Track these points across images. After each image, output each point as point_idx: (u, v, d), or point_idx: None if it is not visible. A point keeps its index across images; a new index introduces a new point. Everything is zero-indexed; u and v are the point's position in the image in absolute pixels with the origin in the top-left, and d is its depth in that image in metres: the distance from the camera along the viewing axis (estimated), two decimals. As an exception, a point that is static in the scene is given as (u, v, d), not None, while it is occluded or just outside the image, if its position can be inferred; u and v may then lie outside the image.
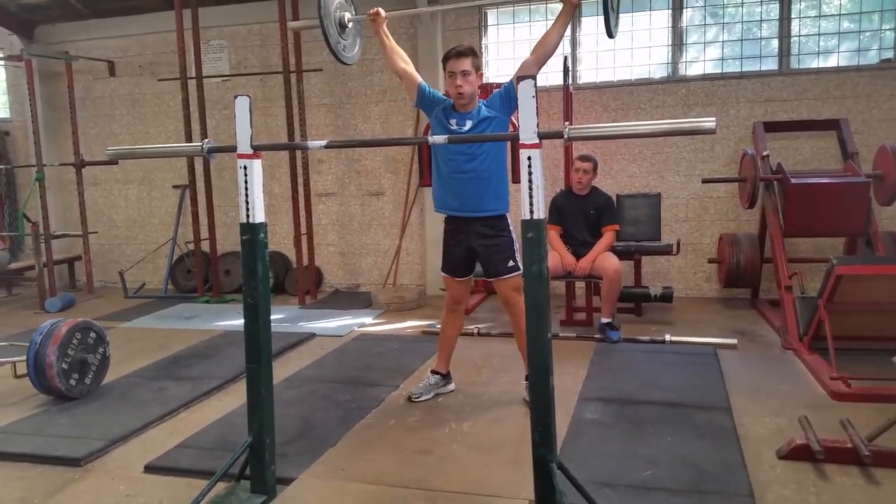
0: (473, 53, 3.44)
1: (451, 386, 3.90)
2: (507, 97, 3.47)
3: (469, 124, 3.47)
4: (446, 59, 3.44)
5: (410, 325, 5.57)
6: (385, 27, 3.59)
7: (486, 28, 6.73)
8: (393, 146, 7.03)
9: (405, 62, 3.67)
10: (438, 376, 3.86)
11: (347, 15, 3.57)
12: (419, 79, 3.64)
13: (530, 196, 2.19)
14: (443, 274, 3.80)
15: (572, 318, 5.42)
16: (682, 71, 6.32)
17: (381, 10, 3.58)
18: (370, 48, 6.89)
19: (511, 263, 3.57)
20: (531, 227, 2.20)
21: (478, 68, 3.46)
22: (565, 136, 2.20)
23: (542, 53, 3.36)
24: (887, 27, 5.91)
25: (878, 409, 3.26)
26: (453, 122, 3.50)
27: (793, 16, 6.05)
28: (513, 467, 2.90)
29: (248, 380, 2.67)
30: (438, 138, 2.69)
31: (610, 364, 4.32)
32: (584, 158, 5.11)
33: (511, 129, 3.50)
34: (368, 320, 5.78)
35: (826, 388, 3.69)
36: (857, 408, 3.39)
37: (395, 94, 6.90)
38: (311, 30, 6.61)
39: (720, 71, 6.25)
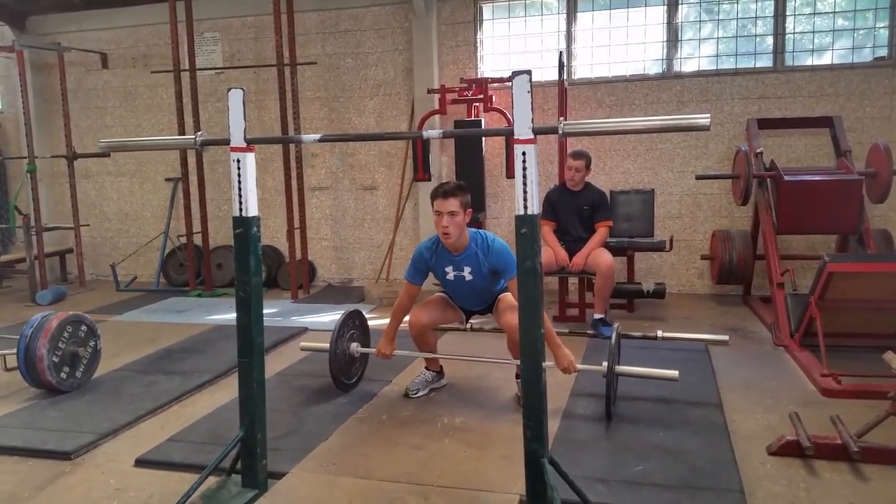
0: (462, 192, 3.39)
1: (444, 381, 3.92)
2: (499, 267, 3.50)
3: (468, 272, 3.55)
4: (434, 197, 3.43)
5: (404, 320, 5.54)
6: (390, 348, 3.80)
7: (482, 22, 6.71)
8: (387, 140, 7.01)
9: (403, 310, 3.77)
10: (433, 372, 3.87)
11: (355, 347, 3.88)
12: (413, 288, 3.70)
13: (524, 191, 2.18)
14: (440, 296, 3.85)
15: (565, 313, 5.42)
16: (676, 67, 6.32)
17: (386, 351, 3.77)
18: (366, 41, 6.89)
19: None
20: (525, 222, 2.20)
21: (466, 206, 3.41)
22: (560, 132, 2.19)
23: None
24: (881, 25, 5.92)
25: (868, 405, 3.28)
26: (450, 271, 3.58)
27: (787, 13, 6.05)
28: (505, 462, 2.90)
29: (239, 374, 2.67)
30: (433, 132, 2.68)
31: (602, 360, 4.31)
32: (576, 156, 5.10)
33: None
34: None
35: (817, 384, 3.71)
36: (847, 404, 3.42)
37: (389, 88, 6.88)
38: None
39: (715, 67, 6.26)
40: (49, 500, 2.73)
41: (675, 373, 3.27)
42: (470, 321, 4.01)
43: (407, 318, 3.76)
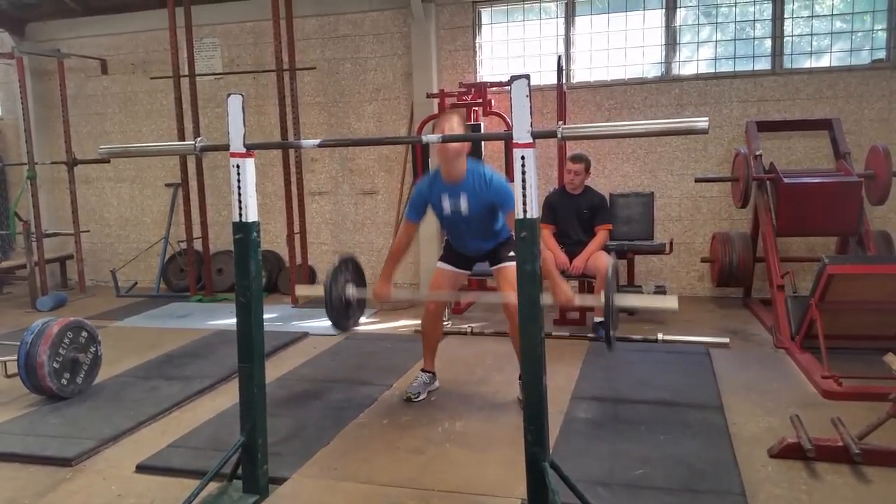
0: (462, 119, 3.41)
1: (437, 383, 3.93)
2: (497, 201, 3.47)
3: (464, 203, 3.50)
4: (437, 118, 3.55)
5: (403, 324, 5.56)
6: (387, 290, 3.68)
7: (481, 27, 6.72)
8: (387, 145, 7.02)
9: (399, 249, 3.73)
10: (430, 374, 3.87)
11: (351, 291, 3.57)
12: (411, 227, 3.67)
13: (524, 195, 2.19)
14: (439, 265, 3.82)
15: (565, 317, 5.42)
16: (675, 70, 6.33)
17: (384, 292, 3.66)
18: (365, 46, 6.91)
19: (512, 254, 3.56)
20: (525, 226, 2.20)
21: (464, 130, 3.46)
22: (559, 136, 2.20)
23: None
24: (879, 27, 5.93)
25: (869, 407, 3.28)
26: (446, 203, 3.53)
27: (786, 16, 6.07)
28: (506, 466, 2.90)
29: (240, 379, 2.67)
30: (432, 137, 2.69)
31: (603, 363, 4.33)
32: (575, 159, 5.12)
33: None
34: (362, 319, 5.75)
35: (817, 386, 3.71)
36: (848, 406, 3.41)
37: (388, 92, 6.89)
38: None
39: (713, 70, 6.27)
40: (50, 507, 2.73)
41: (674, 303, 3.06)
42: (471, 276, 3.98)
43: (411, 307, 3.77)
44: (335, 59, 6.98)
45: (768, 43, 6.13)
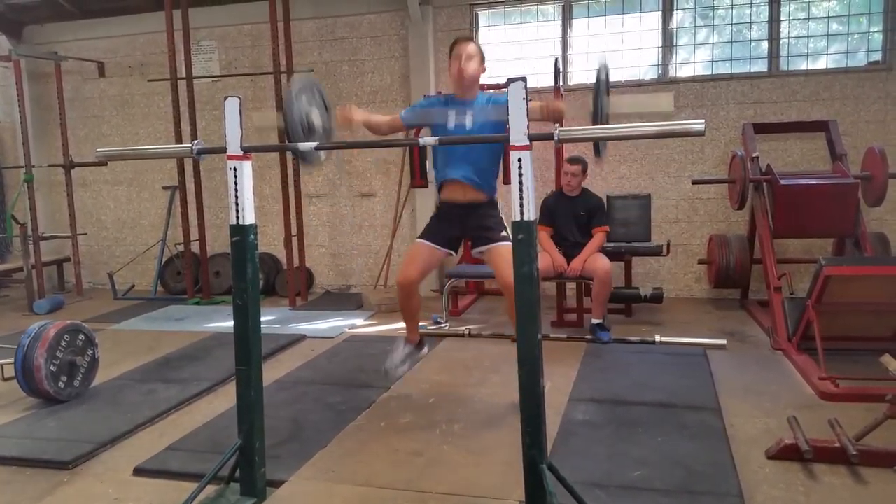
0: (479, 46, 3.60)
1: (426, 349, 3.89)
2: (503, 116, 3.44)
3: (469, 118, 3.48)
4: (454, 45, 3.56)
5: (402, 326, 5.53)
6: (354, 111, 3.42)
7: (478, 29, 6.73)
8: (384, 147, 7.01)
9: (388, 125, 3.65)
10: (412, 345, 3.86)
11: (316, 113, 2.92)
12: (396, 116, 3.63)
13: (521, 197, 2.19)
14: (418, 240, 3.70)
15: (563, 319, 5.42)
16: (672, 72, 6.34)
17: (351, 113, 3.42)
18: (363, 48, 6.91)
19: (504, 234, 3.57)
20: (522, 228, 2.21)
21: (483, 59, 3.58)
22: (555, 138, 2.20)
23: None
24: (875, 30, 5.95)
25: (866, 408, 3.28)
26: (452, 118, 3.51)
27: (782, 18, 6.09)
28: (503, 468, 2.90)
29: (237, 382, 2.66)
30: (429, 140, 2.69)
31: (600, 365, 4.33)
32: (572, 161, 5.13)
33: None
34: (359, 322, 5.77)
35: (815, 388, 3.72)
36: (845, 407, 3.42)
37: (386, 95, 6.90)
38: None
39: (710, 73, 6.28)
40: (47, 510, 2.73)
41: (669, 102, 2.83)
42: (454, 252, 3.77)
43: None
44: (333, 62, 6.98)
45: (765, 45, 6.15)
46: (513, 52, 6.68)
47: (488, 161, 3.60)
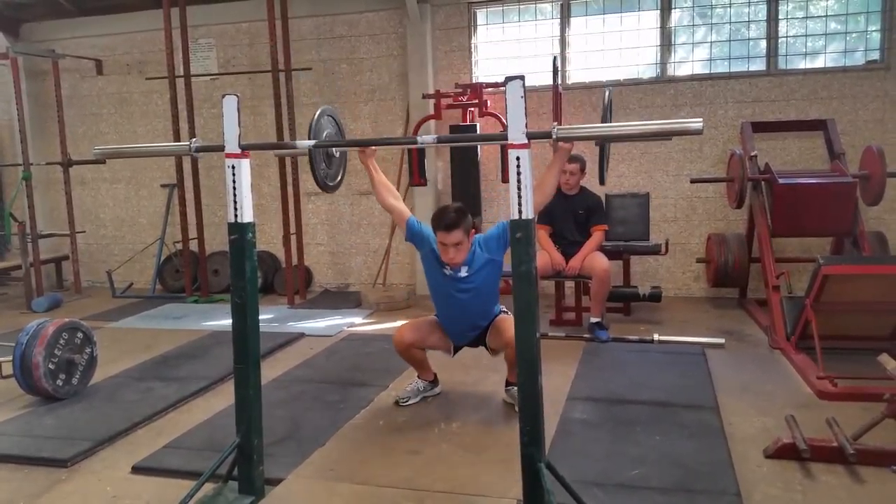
0: (463, 218, 3.37)
1: (438, 389, 3.89)
2: (502, 238, 3.46)
3: (465, 271, 3.48)
4: (436, 229, 3.40)
5: (400, 324, 5.53)
6: (373, 160, 3.31)
7: (476, 28, 6.73)
8: (383, 146, 7.01)
9: (395, 197, 3.58)
10: (424, 382, 3.85)
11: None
12: (408, 214, 3.60)
13: (519, 196, 2.19)
14: (434, 317, 3.77)
15: (561, 317, 5.43)
16: (670, 71, 6.34)
17: (368, 159, 3.32)
18: (361, 46, 6.91)
19: (502, 307, 3.65)
20: (520, 227, 2.21)
21: (468, 230, 3.40)
22: (554, 137, 2.20)
23: (539, 201, 3.06)
24: (873, 28, 5.95)
25: (864, 407, 3.29)
26: (448, 269, 3.50)
27: (780, 17, 6.08)
28: (501, 467, 2.90)
29: (235, 380, 2.66)
30: (428, 138, 2.69)
31: (599, 363, 4.34)
32: (571, 160, 5.11)
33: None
34: (358, 320, 5.77)
35: (812, 387, 3.72)
36: (842, 407, 3.42)
37: (384, 93, 6.89)
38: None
39: (708, 71, 6.28)
40: (45, 509, 2.73)
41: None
42: (457, 353, 3.83)
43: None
44: (331, 60, 6.97)
45: (763, 44, 6.15)
46: (511, 50, 6.67)
47: (484, 306, 3.60)
